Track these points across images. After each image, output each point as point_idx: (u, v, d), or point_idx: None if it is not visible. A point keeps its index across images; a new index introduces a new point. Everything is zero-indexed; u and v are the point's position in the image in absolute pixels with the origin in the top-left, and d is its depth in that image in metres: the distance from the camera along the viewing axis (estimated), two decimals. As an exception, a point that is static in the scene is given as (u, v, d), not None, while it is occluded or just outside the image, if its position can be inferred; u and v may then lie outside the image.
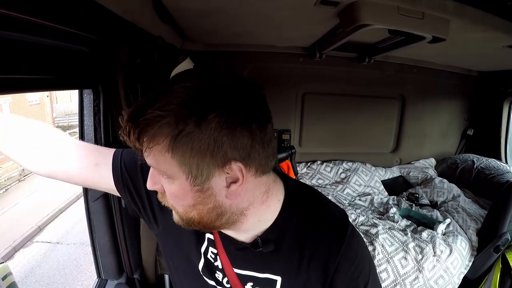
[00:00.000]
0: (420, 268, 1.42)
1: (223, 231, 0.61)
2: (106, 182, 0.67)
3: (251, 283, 0.61)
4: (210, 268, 0.65)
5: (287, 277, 0.60)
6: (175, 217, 0.57)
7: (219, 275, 0.65)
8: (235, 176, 0.48)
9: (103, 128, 1.04)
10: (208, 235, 0.65)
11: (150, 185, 0.54)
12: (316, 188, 0.74)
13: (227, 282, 0.63)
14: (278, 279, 0.60)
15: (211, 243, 0.65)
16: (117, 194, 0.69)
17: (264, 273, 0.61)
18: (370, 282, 0.62)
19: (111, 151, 0.69)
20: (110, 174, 0.66)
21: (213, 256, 0.65)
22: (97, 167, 0.67)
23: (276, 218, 0.59)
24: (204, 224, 0.54)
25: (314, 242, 0.59)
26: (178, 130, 0.44)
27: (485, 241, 1.50)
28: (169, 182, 0.50)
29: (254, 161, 0.49)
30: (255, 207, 0.56)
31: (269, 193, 0.58)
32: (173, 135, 0.44)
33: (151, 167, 0.53)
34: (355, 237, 0.62)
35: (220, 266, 0.64)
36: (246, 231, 0.60)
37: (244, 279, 0.62)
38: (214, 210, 0.52)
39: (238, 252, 0.62)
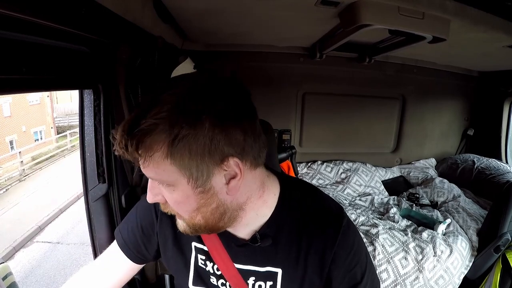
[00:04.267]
0: (421, 268, 1.42)
1: None
2: (131, 269, 0.73)
3: (253, 277, 0.63)
4: (202, 276, 0.67)
5: (286, 269, 0.62)
6: (181, 226, 0.58)
7: (213, 279, 0.66)
8: (233, 171, 0.50)
9: (103, 128, 1.04)
10: (194, 244, 0.67)
11: (150, 198, 0.54)
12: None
13: (222, 284, 0.65)
14: (279, 271, 0.62)
15: (199, 250, 0.66)
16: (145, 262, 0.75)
17: (265, 266, 0.62)
18: (367, 272, 0.64)
19: (113, 248, 0.73)
20: (128, 260, 0.71)
21: (203, 262, 0.66)
22: (116, 272, 0.72)
23: (273, 212, 0.61)
24: (210, 227, 0.55)
25: (311, 234, 0.61)
26: (174, 134, 0.45)
27: (486, 241, 1.49)
28: (170, 190, 0.51)
29: (248, 155, 0.51)
30: (252, 201, 0.57)
31: (265, 187, 0.60)
32: (170, 140, 0.45)
33: (149, 181, 0.54)
34: (351, 228, 0.63)
35: (212, 270, 0.65)
36: (245, 226, 0.61)
37: (246, 274, 0.63)
38: (217, 210, 0.53)
39: (238, 248, 0.63)
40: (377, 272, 1.42)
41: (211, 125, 0.46)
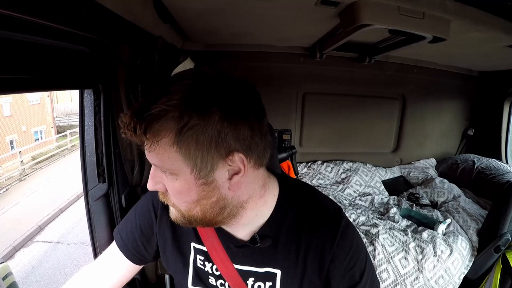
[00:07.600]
0: (421, 268, 1.42)
1: (223, 227, 0.63)
2: (131, 269, 0.73)
3: (253, 278, 0.63)
4: (201, 277, 0.67)
5: (286, 269, 0.62)
6: (174, 215, 0.57)
7: (212, 280, 0.66)
8: (237, 167, 0.50)
9: (103, 128, 1.04)
10: (193, 244, 0.66)
11: (151, 186, 0.54)
12: (316, 188, 0.76)
13: (221, 285, 0.65)
14: (278, 272, 0.62)
15: (198, 251, 0.66)
16: (149, 261, 0.75)
17: (264, 267, 0.62)
18: (366, 272, 0.63)
19: (113, 249, 0.73)
20: (128, 261, 0.71)
21: (201, 263, 0.66)
22: (116, 271, 0.72)
23: (272, 212, 0.61)
24: (207, 220, 0.55)
25: (309, 234, 0.61)
26: (183, 123, 0.45)
27: (486, 241, 1.49)
28: (173, 179, 0.51)
29: (254, 153, 0.51)
30: (253, 201, 0.58)
31: (266, 187, 0.60)
32: (178, 128, 0.46)
33: (151, 168, 0.53)
34: (350, 228, 0.63)
35: (210, 271, 0.65)
36: (244, 226, 0.61)
37: (245, 275, 0.63)
38: (217, 204, 0.53)
39: (238, 249, 0.63)
40: (377, 272, 1.42)
41: (220, 118, 0.46)
